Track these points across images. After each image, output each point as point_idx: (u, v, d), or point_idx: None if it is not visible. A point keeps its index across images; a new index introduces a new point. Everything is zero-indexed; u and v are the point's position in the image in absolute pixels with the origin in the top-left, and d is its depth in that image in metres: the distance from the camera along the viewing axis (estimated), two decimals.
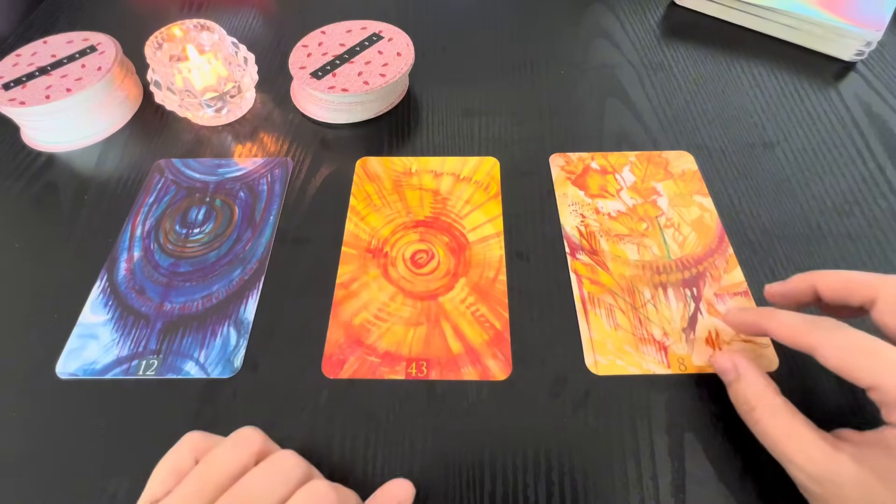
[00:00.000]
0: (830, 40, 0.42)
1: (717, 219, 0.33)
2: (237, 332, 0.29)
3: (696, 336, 0.28)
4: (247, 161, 0.38)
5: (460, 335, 0.29)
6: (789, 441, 0.21)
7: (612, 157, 0.37)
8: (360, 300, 0.30)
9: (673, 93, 0.41)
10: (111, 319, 0.30)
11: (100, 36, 0.41)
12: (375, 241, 0.33)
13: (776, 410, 0.22)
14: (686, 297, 0.30)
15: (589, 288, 0.30)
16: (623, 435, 0.25)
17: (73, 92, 0.37)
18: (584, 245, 0.32)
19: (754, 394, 0.23)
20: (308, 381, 0.27)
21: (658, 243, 0.32)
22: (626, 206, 0.34)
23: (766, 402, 0.23)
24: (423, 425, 0.26)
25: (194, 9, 0.52)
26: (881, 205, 0.33)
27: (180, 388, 0.28)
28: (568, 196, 0.35)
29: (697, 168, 0.36)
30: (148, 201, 0.35)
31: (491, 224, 0.33)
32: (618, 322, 0.29)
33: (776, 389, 0.23)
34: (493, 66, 0.44)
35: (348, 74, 0.38)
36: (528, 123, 0.39)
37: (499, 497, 0.24)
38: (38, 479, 0.25)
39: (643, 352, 0.28)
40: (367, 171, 0.37)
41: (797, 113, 0.39)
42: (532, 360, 0.28)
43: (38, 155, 0.39)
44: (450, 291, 0.30)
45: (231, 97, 0.39)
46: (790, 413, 0.22)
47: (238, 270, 0.32)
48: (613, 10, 0.48)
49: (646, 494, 0.24)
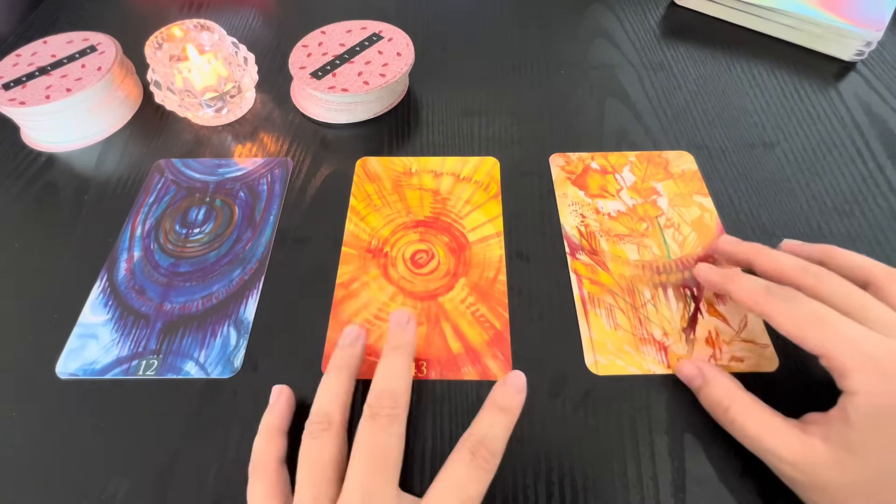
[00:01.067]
0: (830, 40, 0.42)
1: (717, 219, 0.33)
2: (237, 332, 0.29)
3: (696, 336, 0.28)
4: (247, 161, 0.38)
5: (460, 335, 0.29)
6: (767, 434, 0.22)
7: (612, 157, 0.36)
8: (360, 300, 0.30)
9: (673, 93, 0.41)
10: (111, 319, 0.30)
11: (100, 36, 0.41)
12: (375, 241, 0.33)
13: (749, 407, 0.23)
14: (686, 297, 0.30)
15: (589, 288, 0.30)
16: (623, 435, 0.25)
17: (73, 92, 0.37)
18: (584, 245, 0.32)
19: (726, 394, 0.24)
20: (308, 380, 0.27)
21: (658, 243, 0.32)
22: (626, 206, 0.34)
23: (738, 400, 0.23)
24: (423, 425, 0.26)
25: (194, 9, 0.52)
26: (881, 205, 0.33)
27: (180, 388, 0.28)
28: (568, 196, 0.35)
29: (697, 168, 0.36)
30: (148, 201, 0.35)
31: (491, 224, 0.33)
32: (618, 322, 0.29)
33: (743, 388, 0.24)
34: (493, 66, 0.44)
35: (348, 74, 0.38)
36: (528, 123, 0.39)
37: (499, 497, 0.24)
38: (38, 479, 0.25)
39: (643, 352, 0.28)
40: (367, 171, 0.37)
41: (797, 113, 0.39)
42: (532, 360, 0.28)
43: (38, 155, 0.39)
44: (450, 291, 0.30)
45: (231, 97, 0.39)
46: (761, 407, 0.23)
47: (238, 270, 0.32)
48: (613, 10, 0.48)
49: (646, 494, 0.24)
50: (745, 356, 0.27)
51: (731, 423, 0.23)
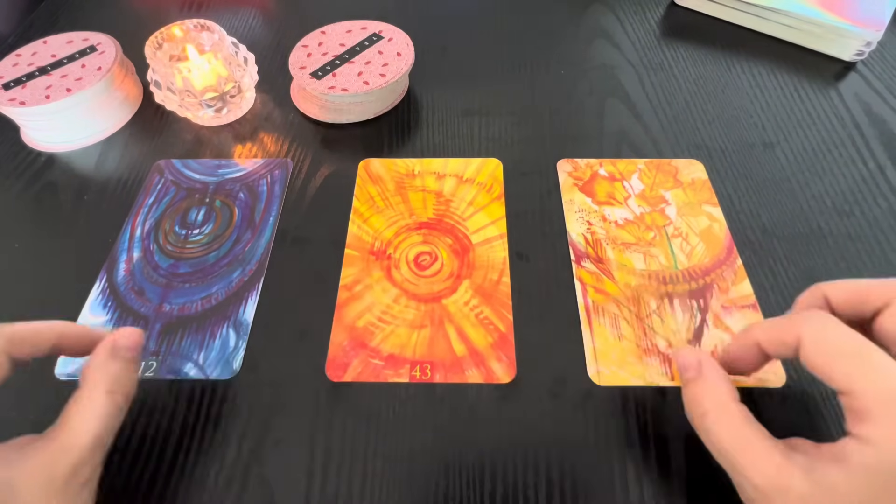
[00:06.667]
0: (830, 40, 0.42)
1: (727, 229, 0.32)
2: (236, 334, 0.29)
3: (702, 348, 0.28)
4: (247, 162, 0.38)
5: (464, 338, 0.29)
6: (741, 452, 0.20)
7: (621, 164, 0.36)
8: (363, 302, 0.30)
9: (673, 93, 0.41)
10: (110, 320, 0.30)
11: (100, 36, 0.41)
12: (378, 244, 0.33)
13: (731, 419, 0.21)
14: (692, 308, 0.29)
15: (593, 296, 0.30)
16: (624, 437, 0.25)
17: (73, 92, 0.37)
18: (589, 253, 0.32)
19: (711, 398, 0.21)
20: (308, 381, 0.27)
21: (665, 253, 0.32)
22: (633, 214, 0.33)
23: (721, 408, 0.21)
24: (424, 425, 0.26)
25: (194, 9, 0.51)
26: (881, 205, 0.33)
27: (179, 390, 0.27)
28: (575, 203, 0.34)
29: (707, 177, 0.35)
30: (148, 202, 0.35)
31: (494, 226, 0.33)
32: (622, 332, 0.28)
33: (735, 395, 0.21)
34: (493, 66, 0.44)
35: (348, 74, 0.38)
36: (527, 124, 0.39)
37: (499, 497, 0.24)
38: None
39: (647, 363, 0.27)
40: (369, 172, 0.36)
41: (797, 113, 0.39)
42: (535, 362, 0.28)
43: (38, 155, 0.39)
44: (453, 294, 0.30)
45: (231, 97, 0.39)
46: (744, 421, 0.20)
47: (237, 272, 0.32)
48: (613, 10, 0.48)
49: (645, 495, 0.24)
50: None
51: (706, 432, 0.21)
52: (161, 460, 0.25)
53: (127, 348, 0.23)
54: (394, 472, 0.25)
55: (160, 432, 0.26)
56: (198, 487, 0.25)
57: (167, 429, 0.26)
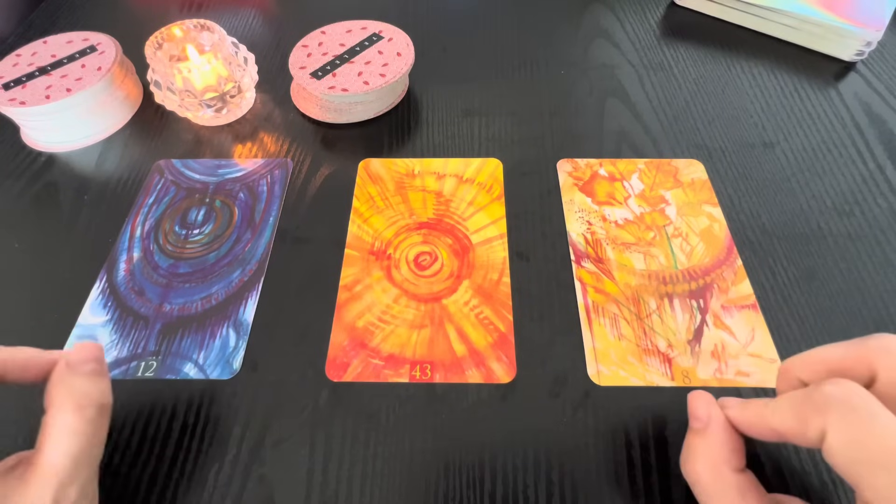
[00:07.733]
0: (830, 40, 0.42)
1: (727, 229, 0.32)
2: (236, 334, 0.29)
3: (702, 349, 0.28)
4: (247, 162, 0.38)
5: (464, 338, 0.29)
6: None
7: (621, 164, 0.36)
8: (363, 302, 0.30)
9: (673, 93, 0.41)
10: (110, 320, 0.30)
11: (100, 36, 0.41)
12: (378, 244, 0.33)
13: (723, 494, 0.19)
14: (692, 308, 0.29)
15: (593, 296, 0.30)
16: (624, 437, 0.25)
17: (73, 92, 0.37)
18: (589, 253, 0.32)
19: (707, 460, 0.20)
20: (308, 382, 0.27)
21: (665, 253, 0.32)
22: (633, 214, 0.33)
23: (715, 475, 0.20)
24: (424, 425, 0.26)
25: (194, 9, 0.51)
26: (881, 205, 0.33)
27: (179, 390, 0.27)
28: (575, 203, 0.34)
29: (707, 177, 0.35)
30: (148, 202, 0.35)
31: (494, 226, 0.33)
32: (622, 332, 0.29)
33: (737, 464, 0.20)
34: (493, 66, 0.44)
35: (348, 74, 0.38)
36: (528, 123, 0.39)
37: (499, 497, 0.24)
38: None
39: (647, 363, 0.27)
40: (369, 172, 0.36)
41: (797, 113, 0.39)
42: (535, 362, 0.28)
43: (38, 155, 0.39)
44: (453, 294, 0.30)
45: (231, 97, 0.39)
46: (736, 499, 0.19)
47: (237, 272, 0.32)
48: (613, 10, 0.48)
49: (645, 496, 0.24)
50: (751, 371, 0.27)
51: (693, 485, 0.20)
52: (161, 460, 0.25)
53: (83, 361, 0.22)
54: (394, 472, 0.25)
55: (160, 432, 0.26)
56: (198, 487, 0.25)
57: (167, 429, 0.26)
